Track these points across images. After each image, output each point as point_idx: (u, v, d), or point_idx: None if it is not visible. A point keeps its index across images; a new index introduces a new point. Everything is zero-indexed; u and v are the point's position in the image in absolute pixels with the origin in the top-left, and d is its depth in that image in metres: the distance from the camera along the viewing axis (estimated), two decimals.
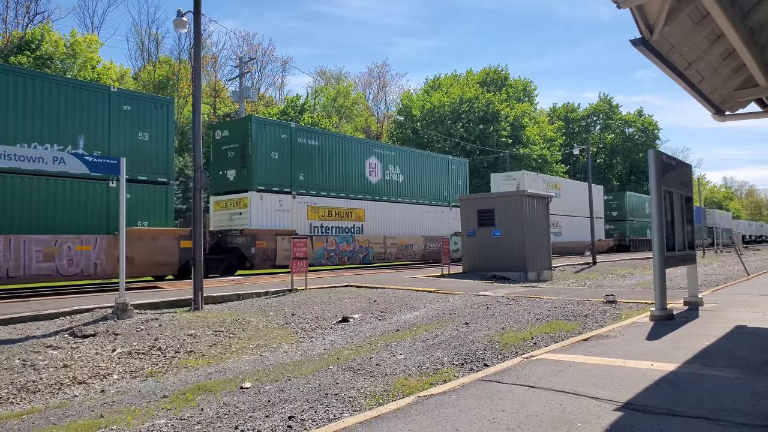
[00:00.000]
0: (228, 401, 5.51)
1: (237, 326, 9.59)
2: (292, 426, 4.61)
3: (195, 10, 12.11)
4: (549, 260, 19.86)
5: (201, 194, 11.74)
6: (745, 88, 9.61)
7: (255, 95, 44.22)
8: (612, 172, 75.50)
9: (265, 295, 12.98)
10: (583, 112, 78.23)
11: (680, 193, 9.39)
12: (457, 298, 12.34)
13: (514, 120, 54.62)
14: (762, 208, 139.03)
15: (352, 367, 6.64)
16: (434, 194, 30.32)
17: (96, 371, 7.26)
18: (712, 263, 31.45)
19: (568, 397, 4.48)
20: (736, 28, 6.83)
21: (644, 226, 51.64)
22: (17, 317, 9.44)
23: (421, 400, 4.61)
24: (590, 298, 11.41)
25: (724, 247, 53.92)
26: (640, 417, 3.96)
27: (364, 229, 25.50)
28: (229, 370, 7.21)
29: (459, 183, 32.38)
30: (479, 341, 7.70)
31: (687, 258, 9.74)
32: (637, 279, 21.36)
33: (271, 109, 50.77)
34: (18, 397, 6.39)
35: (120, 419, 5.19)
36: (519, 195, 19.21)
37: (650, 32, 7.04)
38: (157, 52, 54.66)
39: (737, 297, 11.45)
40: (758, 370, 5.27)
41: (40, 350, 7.70)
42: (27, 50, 35.85)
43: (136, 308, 10.15)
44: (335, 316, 10.78)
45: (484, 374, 5.42)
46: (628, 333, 7.37)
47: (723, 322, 7.99)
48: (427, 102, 55.78)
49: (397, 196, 27.84)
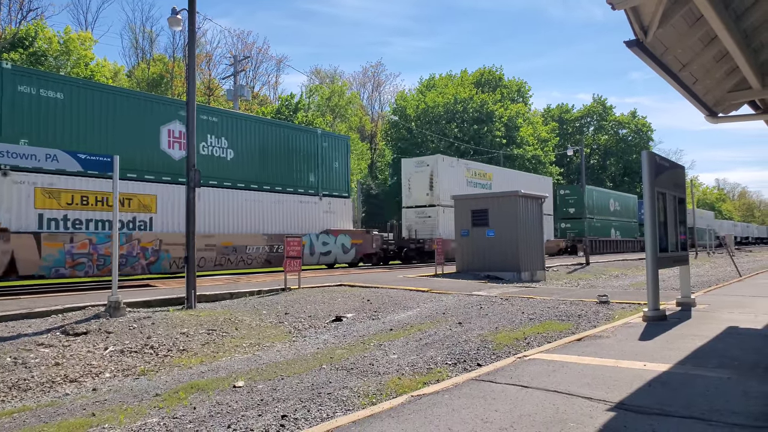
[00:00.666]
0: (221, 400, 5.49)
1: (230, 325, 9.56)
2: (284, 425, 4.60)
3: (189, 8, 12.06)
4: (542, 260, 19.93)
5: (195, 192, 11.69)
6: (739, 90, 9.67)
7: (249, 94, 44.13)
8: (606, 173, 75.83)
9: (258, 294, 12.95)
10: (577, 113, 78.57)
11: (673, 194, 9.44)
12: (450, 297, 12.35)
13: (508, 120, 54.75)
14: (754, 210, 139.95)
15: (345, 366, 6.64)
16: (290, 179, 22.91)
17: (88, 369, 7.22)
18: (704, 264, 31.63)
19: (561, 397, 4.49)
20: (729, 31, 6.87)
21: (607, 225, 46.96)
22: (8, 315, 9.37)
23: (414, 399, 4.60)
24: (583, 299, 11.45)
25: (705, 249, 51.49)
26: (633, 417, 3.97)
27: (155, 223, 18.13)
28: (221, 368, 7.19)
29: (336, 166, 25.08)
30: (472, 341, 7.71)
31: (680, 259, 9.79)
32: (630, 279, 21.45)
33: (265, 108, 50.66)
34: (9, 395, 6.34)
35: (112, 418, 5.16)
36: (513, 195, 19.26)
37: (644, 34, 7.07)
38: (152, 49, 54.50)
39: (729, 298, 11.52)
40: (750, 370, 5.30)
41: (31, 348, 7.65)
42: (20, 47, 35.62)
43: (129, 306, 10.11)
44: (328, 315, 10.76)
45: (477, 374, 5.43)
46: (620, 333, 7.40)
47: (715, 323, 8.04)
48: (422, 102, 55.82)
49: (223, 178, 20.33)
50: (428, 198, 29.11)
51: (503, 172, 36.65)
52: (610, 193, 50.98)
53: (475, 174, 32.44)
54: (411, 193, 29.70)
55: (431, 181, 29.18)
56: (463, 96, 54.49)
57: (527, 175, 40.02)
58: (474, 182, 31.84)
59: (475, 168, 33.16)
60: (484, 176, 33.30)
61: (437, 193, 28.80)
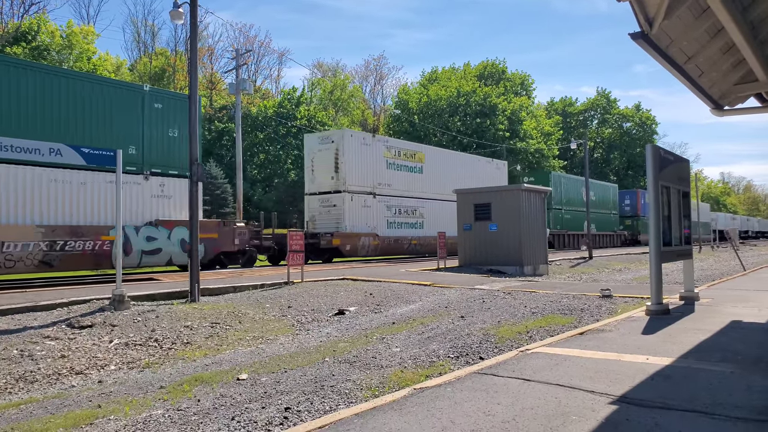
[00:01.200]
0: (224, 392, 5.52)
1: (233, 318, 9.60)
2: (288, 417, 4.63)
3: (191, 1, 12.04)
4: (545, 254, 19.92)
5: (197, 186, 11.72)
6: (745, 82, 9.60)
7: (251, 87, 44.04)
8: (609, 166, 75.64)
9: (262, 287, 12.99)
10: (581, 107, 78.28)
11: (677, 188, 9.41)
12: (452, 291, 12.36)
13: (511, 114, 54.57)
14: (759, 204, 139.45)
15: (348, 359, 6.66)
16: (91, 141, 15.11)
17: (93, 362, 7.26)
18: (708, 258, 31.56)
19: (564, 391, 4.50)
20: (736, 23, 6.81)
21: (579, 218, 39.53)
22: (15, 308, 9.43)
23: (416, 392, 4.62)
24: (586, 293, 11.44)
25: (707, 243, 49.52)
26: (636, 410, 3.98)
27: None
28: (225, 361, 7.22)
29: (174, 136, 17.85)
30: (475, 334, 7.72)
31: (683, 253, 9.77)
32: (633, 274, 21.43)
33: (267, 102, 50.62)
34: (16, 387, 6.39)
35: (117, 409, 5.19)
36: (516, 189, 19.25)
37: (650, 26, 7.02)
38: (154, 43, 54.47)
39: (733, 292, 11.50)
40: (753, 364, 5.30)
41: (37, 341, 7.70)
42: (23, 41, 35.63)
43: (133, 300, 10.15)
44: (331, 309, 10.79)
45: (479, 367, 5.44)
46: (623, 327, 7.40)
47: (719, 317, 8.03)
48: (424, 95, 55.69)
49: None
50: (333, 182, 24.33)
51: (440, 155, 30.87)
52: (579, 180, 43.80)
53: (399, 154, 27.38)
54: (314, 176, 25.09)
55: (336, 162, 24.24)
56: (466, 89, 54.33)
57: (474, 159, 34.01)
58: (398, 164, 27.15)
59: (398, 147, 27.92)
60: (413, 157, 28.23)
61: (344, 176, 24.14)
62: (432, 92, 55.31)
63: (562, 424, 3.74)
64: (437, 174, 29.26)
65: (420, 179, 28.42)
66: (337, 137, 24.82)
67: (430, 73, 62.32)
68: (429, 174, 28.85)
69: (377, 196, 25.77)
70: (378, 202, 25.79)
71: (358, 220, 24.34)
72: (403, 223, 27.19)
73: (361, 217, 24.54)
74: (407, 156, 27.87)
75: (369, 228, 25.06)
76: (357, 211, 24.46)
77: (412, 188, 27.82)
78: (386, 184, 26.37)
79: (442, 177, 29.29)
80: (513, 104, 55.61)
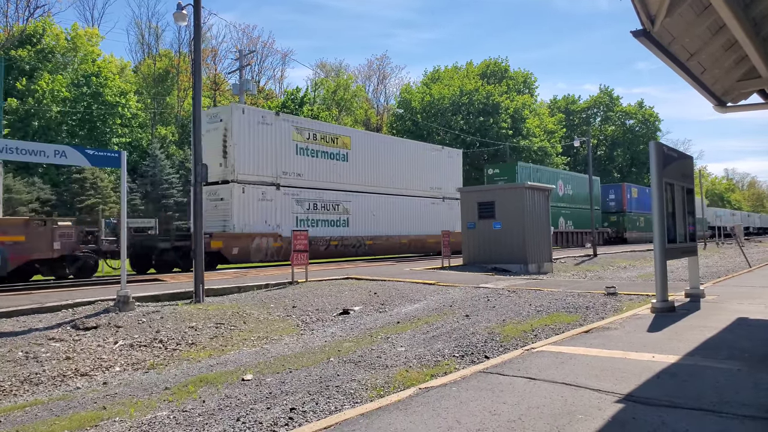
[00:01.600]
0: (229, 393, 5.52)
1: (238, 318, 9.61)
2: (293, 418, 4.62)
3: (195, 2, 12.05)
4: (549, 252, 19.89)
5: (201, 187, 11.74)
6: (748, 79, 9.56)
7: (255, 88, 44.14)
8: (613, 164, 75.47)
9: (266, 287, 13.00)
10: (584, 104, 78.15)
11: (681, 185, 9.37)
12: (457, 290, 12.35)
13: (514, 112, 54.50)
14: (764, 200, 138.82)
15: (353, 359, 6.65)
16: None
17: (98, 363, 7.28)
18: (713, 255, 31.45)
19: (570, 389, 4.49)
20: (738, 19, 6.78)
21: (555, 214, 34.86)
22: (20, 310, 9.46)
23: (422, 392, 4.61)
24: (591, 290, 11.41)
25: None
26: (642, 409, 3.96)
27: None
28: (230, 362, 7.23)
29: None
30: (480, 333, 7.71)
31: (688, 250, 9.73)
32: (638, 271, 21.37)
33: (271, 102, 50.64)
34: (21, 389, 6.41)
35: (122, 411, 5.20)
36: (520, 187, 19.26)
37: (651, 23, 6.99)
38: (157, 45, 54.59)
39: (739, 289, 11.45)
40: (760, 362, 5.28)
41: (42, 342, 7.72)
42: (28, 44, 35.77)
43: (138, 301, 10.17)
44: (336, 309, 10.79)
45: (485, 366, 5.43)
46: (629, 325, 7.37)
47: (725, 314, 7.99)
48: (427, 94, 55.67)
49: None
50: (221, 171, 20.08)
51: (372, 140, 26.76)
52: (556, 173, 40.68)
53: (315, 137, 23.03)
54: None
55: (225, 145, 19.85)
56: (468, 88, 54.29)
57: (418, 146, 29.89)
58: (313, 150, 23.09)
59: (313, 129, 23.39)
60: (334, 142, 23.91)
61: (232, 162, 19.71)
62: (435, 91, 55.29)
63: (569, 423, 3.73)
64: (368, 163, 25.49)
65: (344, 168, 24.34)
66: (225, 114, 20.19)
67: (432, 73, 62.34)
68: (357, 162, 24.91)
69: (282, 188, 21.58)
70: (283, 195, 21.58)
71: (252, 217, 20.28)
72: (320, 221, 23.18)
73: (257, 214, 20.43)
74: (326, 140, 23.44)
75: (269, 227, 20.84)
76: (251, 205, 20.30)
77: (333, 179, 23.74)
78: (295, 173, 22.24)
79: (375, 166, 25.81)
80: (516, 102, 55.54)
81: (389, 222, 25.96)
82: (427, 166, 28.46)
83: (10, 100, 31.34)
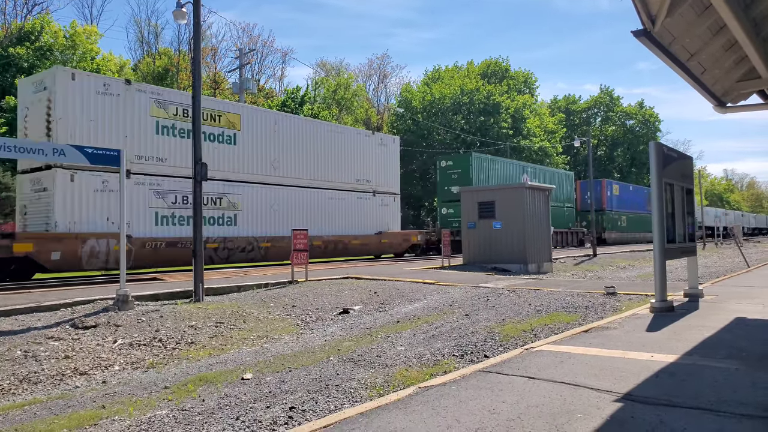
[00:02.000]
0: (229, 392, 5.53)
1: (238, 318, 9.61)
2: (293, 416, 4.63)
3: (194, 0, 12.05)
4: (549, 252, 19.91)
5: (201, 186, 11.73)
6: (748, 79, 9.58)
7: (255, 87, 44.11)
8: (613, 164, 75.45)
9: (266, 286, 13.00)
10: (584, 104, 78.11)
11: (681, 185, 9.39)
12: (457, 289, 12.36)
13: (514, 112, 54.45)
14: (763, 201, 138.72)
15: (353, 358, 6.66)
16: None
17: (97, 362, 7.28)
18: (712, 255, 31.46)
19: (569, 388, 4.50)
20: (738, 20, 6.79)
21: None
22: (18, 308, 9.45)
23: (421, 390, 4.62)
24: (590, 290, 11.42)
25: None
26: (641, 408, 3.97)
27: None
28: (230, 361, 7.23)
29: None
30: (479, 333, 7.71)
31: (687, 250, 9.75)
32: (637, 271, 21.37)
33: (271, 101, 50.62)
34: (20, 388, 6.41)
35: (122, 410, 5.21)
36: (520, 187, 19.30)
37: (652, 23, 7.00)
38: (157, 43, 54.50)
39: (738, 289, 11.46)
40: (758, 361, 5.29)
41: (41, 341, 7.72)
42: (27, 41, 35.73)
43: (137, 300, 10.17)
44: (336, 308, 10.80)
45: (484, 365, 5.44)
46: (628, 325, 7.38)
47: (723, 314, 8.00)
48: (428, 94, 55.63)
49: None
50: None
51: (272, 119, 21.75)
52: (522, 167, 35.21)
53: (186, 114, 18.07)
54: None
55: (48, 119, 15.60)
56: (469, 87, 54.24)
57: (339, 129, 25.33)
58: (183, 129, 18.29)
59: (183, 103, 18.32)
60: (217, 120, 19.38)
61: (57, 141, 15.08)
62: (435, 91, 55.24)
63: (568, 422, 3.74)
64: (267, 147, 21.09)
65: (231, 153, 19.84)
66: (50, 79, 15.73)
67: (433, 72, 62.26)
68: (249, 146, 20.49)
69: (135, 176, 17.06)
70: (136, 185, 17.10)
71: (87, 212, 15.93)
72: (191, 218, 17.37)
73: (94, 209, 16.09)
74: (203, 117, 18.13)
75: (113, 225, 16.06)
76: (85, 198, 15.95)
77: (214, 166, 17.81)
78: (155, 157, 17.78)
79: (277, 151, 21.41)
80: (516, 102, 55.49)
81: (295, 220, 21.33)
82: (353, 154, 24.58)
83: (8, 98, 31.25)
